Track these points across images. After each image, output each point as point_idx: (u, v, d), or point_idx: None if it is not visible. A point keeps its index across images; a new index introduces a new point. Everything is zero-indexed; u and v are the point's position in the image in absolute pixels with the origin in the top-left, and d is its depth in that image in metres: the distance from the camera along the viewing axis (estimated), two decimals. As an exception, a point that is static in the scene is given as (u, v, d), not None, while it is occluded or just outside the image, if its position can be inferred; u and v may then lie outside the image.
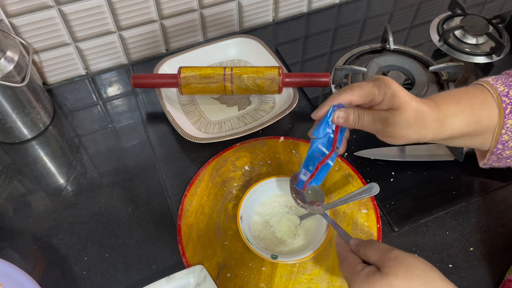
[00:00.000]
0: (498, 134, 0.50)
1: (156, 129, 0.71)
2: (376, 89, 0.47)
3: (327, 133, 0.49)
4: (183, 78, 0.69)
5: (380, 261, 0.41)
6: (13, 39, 0.65)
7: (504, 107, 0.49)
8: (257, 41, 0.79)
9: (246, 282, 0.54)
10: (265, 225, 0.58)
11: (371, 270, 0.41)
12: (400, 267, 0.39)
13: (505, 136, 0.51)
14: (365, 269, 0.41)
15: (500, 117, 0.50)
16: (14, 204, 0.63)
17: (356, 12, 0.90)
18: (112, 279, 0.56)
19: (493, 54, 0.76)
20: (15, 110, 0.65)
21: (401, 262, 0.40)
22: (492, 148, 0.52)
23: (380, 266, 0.41)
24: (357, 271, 0.42)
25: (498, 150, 0.52)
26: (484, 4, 0.92)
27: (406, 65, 0.73)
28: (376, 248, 0.43)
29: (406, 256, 0.41)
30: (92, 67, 0.80)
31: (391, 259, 0.40)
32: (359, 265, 0.42)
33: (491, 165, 0.56)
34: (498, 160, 0.55)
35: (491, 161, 0.55)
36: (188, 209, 0.60)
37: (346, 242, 0.47)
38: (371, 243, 0.44)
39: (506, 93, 0.50)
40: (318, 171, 0.52)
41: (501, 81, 0.51)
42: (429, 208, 0.61)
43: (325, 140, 0.50)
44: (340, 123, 0.48)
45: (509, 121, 0.50)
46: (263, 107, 0.73)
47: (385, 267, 0.40)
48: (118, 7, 0.72)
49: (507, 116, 0.49)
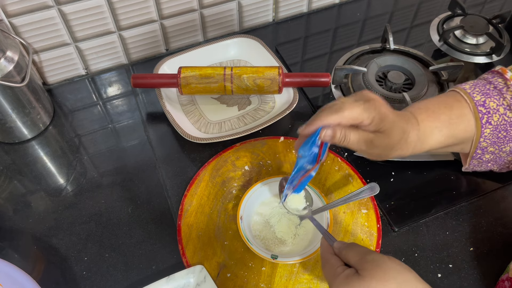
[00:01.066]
0: (477, 142, 0.53)
1: (156, 129, 0.71)
2: (366, 113, 0.47)
3: (313, 151, 0.49)
4: (183, 78, 0.69)
5: (358, 264, 0.42)
6: (13, 39, 0.65)
7: (481, 117, 0.52)
8: (257, 41, 0.79)
9: (246, 282, 0.54)
10: (265, 225, 0.58)
11: (350, 272, 0.42)
12: (377, 270, 0.40)
13: (484, 143, 0.53)
14: (344, 272, 0.42)
15: (478, 128, 0.52)
16: (14, 204, 0.63)
17: (356, 12, 0.89)
18: (112, 279, 0.56)
19: (493, 54, 0.76)
20: (15, 110, 0.65)
21: (378, 264, 0.41)
22: (472, 153, 0.55)
23: (358, 269, 0.42)
24: (337, 273, 0.43)
25: (478, 155, 0.55)
26: (484, 4, 0.92)
27: (406, 65, 0.73)
28: (356, 251, 0.44)
29: (383, 259, 0.42)
30: (92, 67, 0.80)
31: (368, 262, 0.41)
32: (339, 267, 0.44)
33: (472, 169, 0.59)
34: (479, 164, 0.57)
35: (472, 165, 0.58)
36: (188, 209, 0.60)
37: (330, 244, 0.48)
38: (351, 246, 0.45)
39: (483, 103, 0.52)
40: (301, 183, 0.53)
41: (478, 89, 0.53)
42: (429, 208, 0.61)
43: (311, 157, 0.50)
44: (326, 140, 0.48)
45: (487, 130, 0.52)
46: (263, 107, 0.73)
47: (362, 269, 0.41)
48: (118, 7, 0.72)
49: (484, 126, 0.52)
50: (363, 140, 0.48)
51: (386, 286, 0.40)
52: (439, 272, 0.55)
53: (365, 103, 0.47)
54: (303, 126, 0.49)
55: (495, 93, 0.52)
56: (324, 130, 0.47)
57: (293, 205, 0.57)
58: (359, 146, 0.49)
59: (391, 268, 0.41)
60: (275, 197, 0.61)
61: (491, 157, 0.55)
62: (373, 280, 0.40)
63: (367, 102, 0.47)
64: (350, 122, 0.48)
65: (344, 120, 0.47)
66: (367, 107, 0.47)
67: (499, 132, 0.52)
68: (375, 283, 0.40)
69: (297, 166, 0.51)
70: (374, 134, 0.48)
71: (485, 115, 0.51)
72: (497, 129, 0.52)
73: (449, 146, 0.53)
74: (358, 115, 0.47)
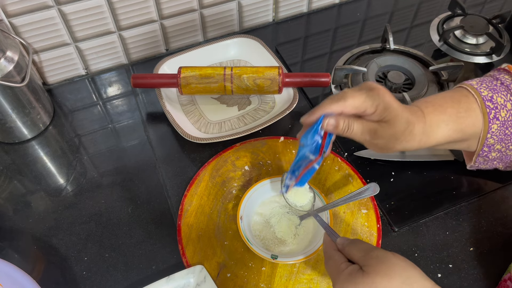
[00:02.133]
0: (484, 138, 0.51)
1: (156, 129, 0.71)
2: (369, 101, 0.46)
3: (315, 140, 0.49)
4: (183, 78, 0.69)
5: (363, 260, 0.42)
6: (13, 39, 0.65)
7: (488, 112, 0.51)
8: (257, 41, 0.79)
9: (246, 282, 0.54)
10: (265, 225, 0.58)
11: (354, 268, 0.42)
12: (381, 266, 0.40)
13: (491, 140, 0.52)
14: (348, 268, 0.42)
15: (485, 123, 0.51)
16: (14, 204, 0.63)
17: (356, 12, 0.89)
18: (112, 279, 0.56)
19: (493, 54, 0.76)
20: (15, 110, 0.65)
21: (382, 261, 0.41)
22: (479, 151, 0.53)
23: (362, 265, 0.42)
24: (341, 269, 0.43)
25: (484, 152, 0.53)
26: (484, 4, 0.92)
27: (406, 65, 0.73)
28: (359, 248, 0.44)
29: (387, 255, 0.42)
30: (92, 67, 0.80)
31: (373, 258, 0.41)
32: (343, 263, 0.43)
33: (478, 167, 0.57)
34: (485, 162, 0.56)
35: (478, 163, 0.56)
36: (188, 209, 0.60)
37: (333, 240, 0.47)
38: (355, 242, 0.45)
39: (490, 98, 0.51)
40: (304, 175, 0.52)
41: (485, 84, 0.52)
42: (429, 208, 0.61)
43: (313, 147, 0.49)
44: (329, 130, 0.48)
45: (494, 125, 0.51)
46: (263, 107, 0.73)
47: (367, 265, 0.41)
48: (118, 7, 0.72)
49: (492, 121, 0.50)
50: (367, 130, 0.48)
51: (390, 282, 0.39)
52: (439, 272, 0.55)
53: (368, 92, 0.47)
54: (305, 115, 0.49)
55: (503, 89, 0.51)
56: (327, 119, 0.47)
57: (295, 200, 0.56)
58: (363, 136, 0.48)
59: (395, 264, 0.41)
60: (275, 197, 0.61)
61: (498, 155, 0.54)
62: (377, 276, 0.40)
63: (370, 90, 0.47)
64: (353, 111, 0.47)
65: (347, 108, 0.47)
66: (370, 95, 0.46)
67: (506, 128, 0.51)
68: (380, 279, 0.39)
69: (299, 155, 0.51)
70: (378, 124, 0.47)
71: (493, 110, 0.50)
72: (505, 125, 0.51)
73: (456, 141, 0.52)
74: (361, 103, 0.46)
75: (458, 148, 0.54)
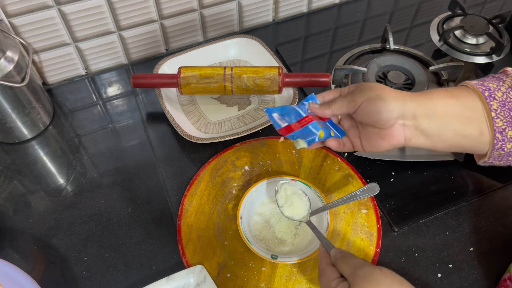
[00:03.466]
0: (489, 117, 0.49)
1: (156, 129, 0.71)
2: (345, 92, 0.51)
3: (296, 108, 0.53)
4: (183, 78, 0.69)
5: (351, 278, 0.43)
6: (13, 39, 0.65)
7: (482, 91, 0.50)
8: (257, 41, 0.79)
9: (246, 282, 0.54)
10: (265, 225, 0.58)
11: (343, 287, 0.43)
12: (367, 285, 0.42)
13: (499, 121, 0.49)
14: (338, 286, 0.44)
15: (482, 100, 0.49)
16: (14, 204, 0.63)
17: (356, 12, 0.90)
18: (112, 279, 0.56)
19: (493, 54, 0.76)
20: (15, 110, 0.65)
21: (369, 279, 0.42)
22: (492, 139, 0.50)
23: (350, 283, 0.43)
24: (331, 287, 0.44)
25: (498, 142, 0.50)
26: (484, 4, 0.92)
27: (406, 65, 0.73)
28: (349, 264, 0.45)
29: (374, 272, 0.43)
30: (92, 67, 0.80)
31: (359, 277, 0.43)
32: (333, 281, 0.45)
33: (491, 163, 0.54)
34: (500, 157, 0.52)
35: (492, 158, 0.53)
36: (188, 209, 0.60)
37: (328, 252, 0.49)
38: (346, 257, 0.46)
39: (481, 84, 0.51)
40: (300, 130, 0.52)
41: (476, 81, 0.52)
42: (429, 208, 0.61)
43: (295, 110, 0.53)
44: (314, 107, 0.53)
45: (493, 103, 0.49)
46: (263, 107, 0.72)
47: (354, 284, 0.42)
48: (118, 7, 0.72)
49: (488, 98, 0.49)
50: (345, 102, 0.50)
51: None
52: (439, 272, 0.55)
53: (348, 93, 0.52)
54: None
55: (494, 80, 0.52)
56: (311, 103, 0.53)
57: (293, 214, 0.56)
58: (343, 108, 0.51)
59: (381, 281, 0.42)
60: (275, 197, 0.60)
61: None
62: None
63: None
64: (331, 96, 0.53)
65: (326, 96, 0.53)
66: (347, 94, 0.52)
67: (510, 110, 0.49)
68: None
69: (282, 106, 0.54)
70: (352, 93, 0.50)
71: (486, 91, 0.50)
72: (506, 106, 0.49)
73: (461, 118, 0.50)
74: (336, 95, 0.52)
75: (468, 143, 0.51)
